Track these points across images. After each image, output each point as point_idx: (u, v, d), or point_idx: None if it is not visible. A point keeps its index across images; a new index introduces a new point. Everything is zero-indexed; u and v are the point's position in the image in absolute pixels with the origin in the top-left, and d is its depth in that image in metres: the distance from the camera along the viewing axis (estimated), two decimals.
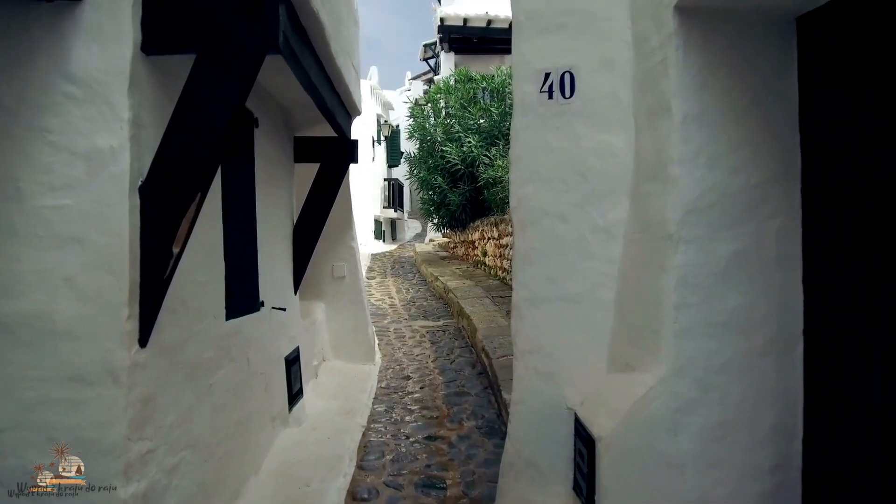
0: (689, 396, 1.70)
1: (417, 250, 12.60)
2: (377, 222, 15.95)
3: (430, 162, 9.75)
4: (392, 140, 17.39)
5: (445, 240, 13.15)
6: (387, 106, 17.68)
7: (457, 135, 9.19)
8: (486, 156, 8.74)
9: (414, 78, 20.40)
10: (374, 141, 15.59)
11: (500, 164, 8.14)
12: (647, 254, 1.86)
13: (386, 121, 16.64)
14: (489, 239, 8.20)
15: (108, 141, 1.60)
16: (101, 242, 1.58)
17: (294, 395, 3.39)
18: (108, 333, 1.59)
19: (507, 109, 9.13)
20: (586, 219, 2.05)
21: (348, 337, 4.85)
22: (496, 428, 3.43)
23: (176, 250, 1.64)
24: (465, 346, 5.37)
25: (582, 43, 2.08)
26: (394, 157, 17.56)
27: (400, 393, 4.23)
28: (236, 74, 1.66)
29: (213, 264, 2.24)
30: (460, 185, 9.17)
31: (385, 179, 17.14)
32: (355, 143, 3.70)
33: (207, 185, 1.70)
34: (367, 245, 14.68)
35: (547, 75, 2.11)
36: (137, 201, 1.61)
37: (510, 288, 6.70)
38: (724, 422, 1.72)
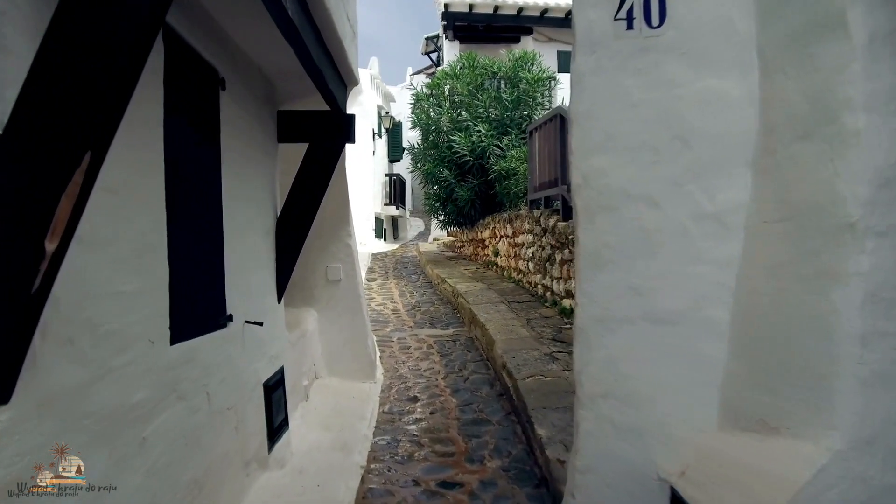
0: (885, 482, 1.08)
1: (421, 250, 11.98)
2: (378, 220, 15.33)
3: (435, 153, 9.12)
4: (393, 133, 16.76)
5: (451, 238, 12.53)
6: (388, 97, 17.05)
7: (465, 123, 8.55)
8: (497, 146, 8.12)
9: (415, 73, 19.81)
10: (374, 133, 14.97)
11: (514, 154, 7.52)
12: (796, 252, 1.24)
13: (387, 112, 16.02)
14: (502, 237, 7.57)
15: None
16: None
17: (276, 428, 2.77)
18: None
19: (520, 95, 8.53)
20: (687, 202, 1.43)
21: (345, 350, 4.24)
22: (528, 470, 2.81)
23: (51, 247, 1.02)
24: (479, 360, 4.75)
25: None
26: (395, 152, 16.94)
27: (406, 419, 3.61)
28: None
29: (148, 268, 1.62)
30: (469, 179, 8.54)
31: (386, 175, 16.52)
32: (351, 118, 3.08)
33: (104, 143, 1.07)
34: (368, 244, 14.09)
35: None
36: None
37: (528, 292, 6.01)
38: None
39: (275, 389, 2.77)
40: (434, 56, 18.79)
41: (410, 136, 11.54)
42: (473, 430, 3.38)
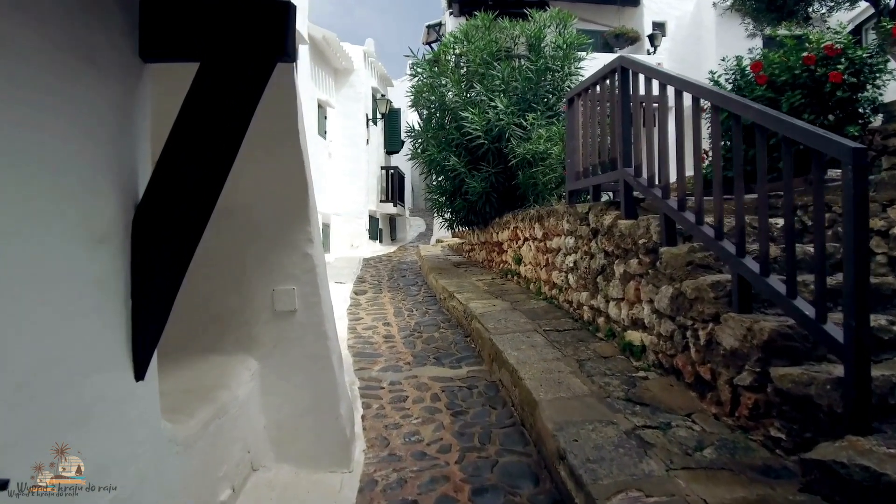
0: None
1: (422, 254, 10.52)
2: (372, 219, 13.89)
3: (440, 136, 7.66)
4: (391, 121, 15.32)
5: (458, 240, 11.09)
6: (384, 80, 15.63)
7: (478, 98, 7.10)
8: (518, 125, 6.66)
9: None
10: (368, 120, 13.53)
11: (543, 133, 6.07)
12: None
13: (383, 95, 14.58)
14: (526, 240, 6.11)
15: None
16: None
17: None
18: None
19: (549, 64, 7.08)
20: None
21: (303, 421, 2.78)
22: None
23: None
24: (510, 425, 3.28)
25: None
26: (393, 142, 15.50)
27: None
28: None
29: None
30: (482, 167, 7.08)
31: (382, 168, 15.09)
32: (287, 8, 1.61)
33: None
34: (361, 247, 12.68)
35: None
36: None
37: (568, 315, 3.86)
38: None
39: None
40: (436, 46, 17.44)
41: (411, 121, 10.08)
42: None
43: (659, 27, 15.38)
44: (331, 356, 2.82)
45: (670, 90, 3.21)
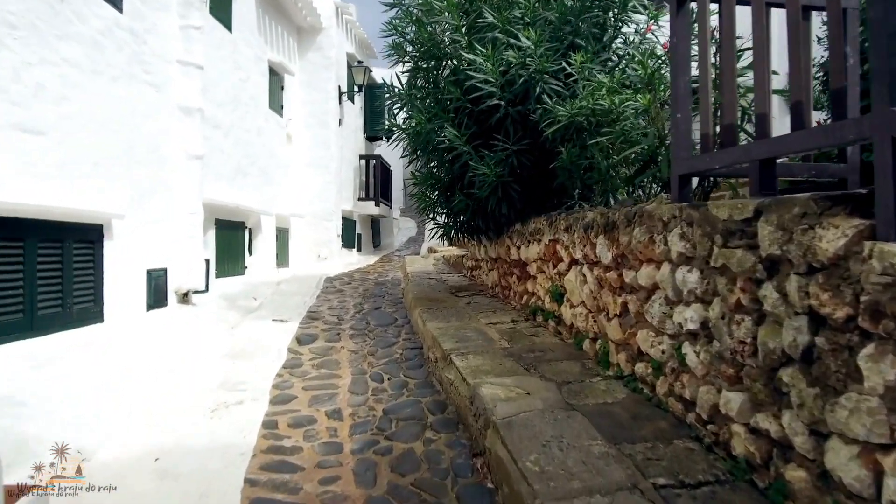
0: None
1: (408, 270, 8.25)
2: (347, 222, 11.61)
3: (432, 98, 5.41)
4: (371, 98, 13.05)
5: (456, 250, 8.83)
6: (365, 48, 13.38)
7: (489, 34, 4.85)
8: (555, 74, 4.40)
9: None
10: (341, 94, 11.27)
11: (606, 81, 3.82)
12: None
13: (360, 62, 12.30)
14: (574, 263, 3.86)
15: None
16: None
17: None
18: None
19: None
20: None
21: None
22: None
23: None
24: None
25: None
26: (374, 124, 13.23)
27: None
28: None
29: None
30: (497, 143, 4.81)
31: (361, 157, 12.82)
32: None
33: None
34: (331, 258, 10.44)
35: None
36: None
37: (689, 430, 1.71)
38: None
39: None
40: None
41: (389, 77, 7.79)
42: None
43: None
44: None
45: None
